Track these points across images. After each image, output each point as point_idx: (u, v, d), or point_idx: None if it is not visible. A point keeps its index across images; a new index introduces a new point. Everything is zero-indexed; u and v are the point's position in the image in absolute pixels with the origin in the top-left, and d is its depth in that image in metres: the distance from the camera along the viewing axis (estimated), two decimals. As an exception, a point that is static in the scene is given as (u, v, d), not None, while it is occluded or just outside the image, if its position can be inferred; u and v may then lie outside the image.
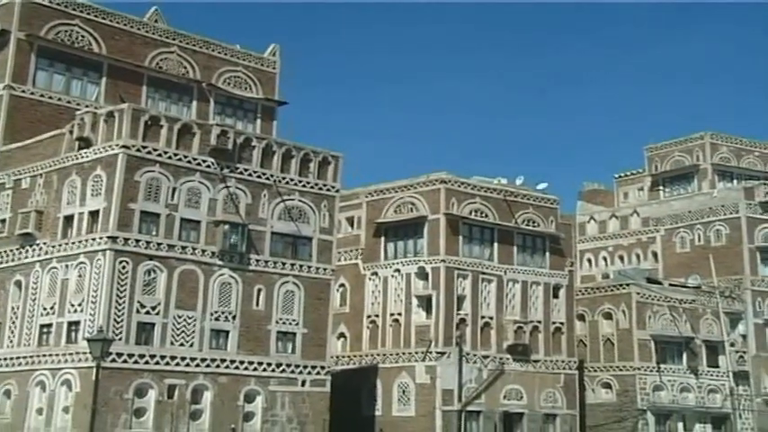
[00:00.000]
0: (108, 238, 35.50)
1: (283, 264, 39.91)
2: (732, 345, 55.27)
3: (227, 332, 38.02)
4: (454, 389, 44.19)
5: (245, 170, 39.45)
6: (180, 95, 41.64)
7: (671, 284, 56.04)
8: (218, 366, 37.38)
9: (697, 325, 54.45)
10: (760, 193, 59.19)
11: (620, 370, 52.33)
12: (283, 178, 40.55)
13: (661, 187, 67.98)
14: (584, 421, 50.67)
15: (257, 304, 38.98)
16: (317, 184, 41.57)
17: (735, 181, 65.47)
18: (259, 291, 39.11)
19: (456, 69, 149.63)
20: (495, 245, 47.66)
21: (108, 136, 37.04)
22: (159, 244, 36.65)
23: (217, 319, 37.80)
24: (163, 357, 36.05)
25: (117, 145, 36.44)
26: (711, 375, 54.27)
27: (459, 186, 46.88)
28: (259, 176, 39.79)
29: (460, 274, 45.96)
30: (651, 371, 52.16)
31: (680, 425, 52.48)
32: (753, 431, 54.59)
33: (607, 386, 52.75)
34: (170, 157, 37.45)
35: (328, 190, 41.95)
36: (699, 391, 53.49)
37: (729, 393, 53.99)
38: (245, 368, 38.11)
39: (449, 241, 45.92)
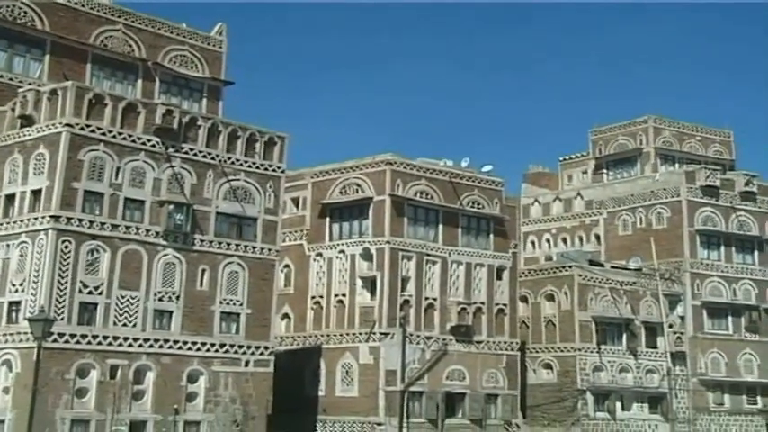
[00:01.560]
0: (50, 217, 35.28)
1: (228, 244, 39.94)
2: (670, 326, 56.22)
3: (171, 312, 38.01)
4: (397, 369, 44.57)
5: (191, 150, 39.36)
6: (125, 74, 41.28)
7: (612, 267, 56.79)
8: (161, 347, 37.38)
9: (637, 306, 55.32)
10: (701, 177, 59.98)
11: (561, 351, 53.07)
12: (229, 158, 40.52)
13: (605, 170, 68.70)
14: (525, 401, 51.39)
15: (201, 285, 39.00)
16: (262, 165, 41.60)
17: (677, 165, 66.22)
18: (203, 271, 39.12)
19: (403, 53, 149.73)
20: (440, 226, 48.00)
21: (51, 114, 36.74)
22: (103, 224, 36.49)
23: (160, 300, 37.77)
24: (105, 338, 35.97)
25: (60, 123, 36.18)
26: (650, 356, 55.22)
27: (404, 168, 47.10)
28: (204, 156, 39.72)
29: (405, 256, 46.27)
30: (591, 352, 52.95)
31: (618, 404, 53.35)
32: (688, 410, 55.68)
33: (548, 367, 53.48)
34: (114, 137, 37.25)
35: (274, 170, 41.99)
36: (637, 371, 54.43)
37: (667, 373, 54.99)
38: (189, 348, 38.15)
39: (394, 223, 46.18)
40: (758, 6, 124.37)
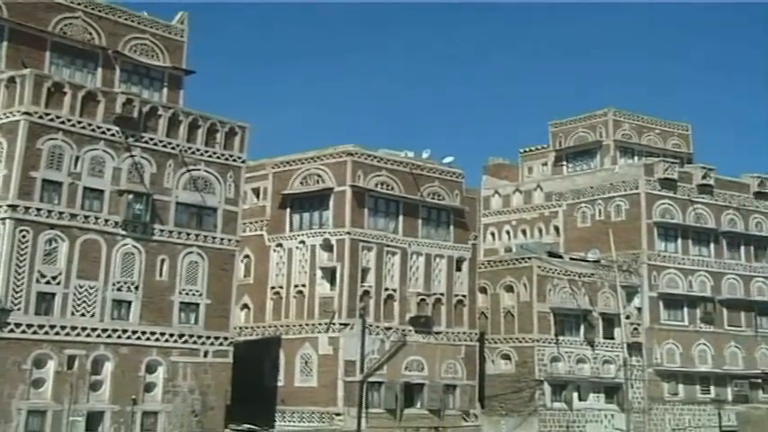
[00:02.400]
0: (8, 206, 35.06)
1: (188, 234, 39.91)
2: (627, 317, 56.82)
3: (130, 303, 37.94)
4: (356, 360, 44.72)
5: (151, 139, 39.26)
6: (85, 62, 40.92)
7: (571, 258, 57.24)
8: (119, 337, 37.33)
9: (595, 298, 55.83)
10: (659, 169, 60.57)
11: (520, 342, 53.46)
12: (189, 148, 40.45)
13: (564, 163, 69.14)
14: (483, 392, 51.72)
15: (160, 275, 38.96)
16: (223, 155, 41.56)
17: (636, 157, 66.80)
18: (162, 261, 39.08)
19: (365, 43, 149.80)
20: (401, 218, 48.14)
21: (9, 102, 36.46)
22: (61, 213, 36.34)
23: (119, 290, 37.67)
24: (63, 328, 35.87)
25: (18, 111, 35.94)
26: (607, 347, 55.77)
27: (365, 159, 47.17)
28: (165, 146, 39.64)
29: (365, 247, 46.39)
30: (549, 342, 53.41)
31: (575, 395, 53.80)
32: (643, 400, 56.37)
33: (506, 357, 53.85)
34: (73, 125, 37.08)
35: (234, 160, 41.97)
36: (594, 361, 54.97)
37: (623, 364, 55.54)
38: (147, 339, 38.12)
39: (354, 213, 46.26)
40: None
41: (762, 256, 63.67)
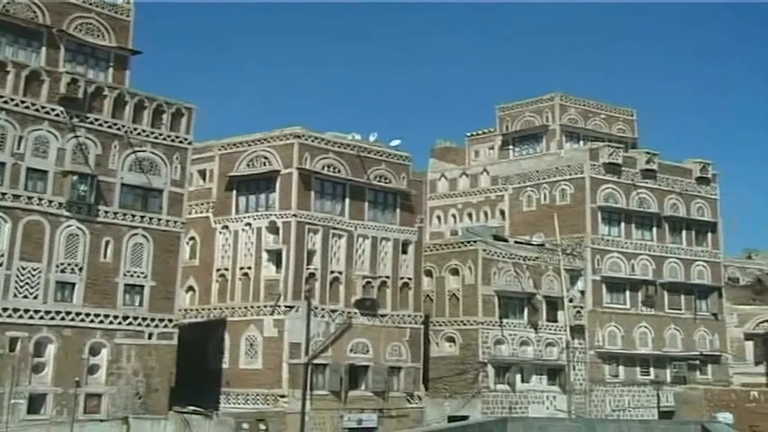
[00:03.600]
0: (-51, 187, 34.66)
1: (133, 216, 39.75)
2: (571, 300, 57.56)
3: (74, 284, 37.75)
4: (302, 342, 44.85)
5: (96, 120, 39.01)
6: (29, 41, 40.28)
7: (516, 242, 57.79)
8: (62, 319, 37.14)
9: (539, 281, 56.44)
10: (604, 154, 61.21)
11: (464, 324, 53.92)
12: (135, 129, 40.23)
13: (511, 147, 69.56)
14: (428, 374, 52.19)
15: (105, 257, 38.79)
16: (169, 136, 41.39)
17: (581, 142, 67.43)
18: (107, 243, 38.91)
19: (314, 27, 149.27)
20: (347, 200, 48.29)
21: (-50, 81, 35.96)
22: (4, 194, 36.04)
23: (63, 272, 37.45)
24: (5, 310, 35.62)
25: (-40, 91, 35.47)
26: (550, 329, 56.46)
27: (312, 141, 47.20)
28: (110, 127, 39.39)
29: (311, 229, 46.50)
30: (493, 325, 53.94)
31: (518, 377, 54.46)
32: (585, 382, 57.23)
33: (451, 340, 54.29)
34: (17, 105, 36.76)
35: (181, 142, 41.80)
36: (537, 344, 55.65)
37: (565, 346, 56.33)
38: (91, 321, 37.96)
39: (301, 196, 46.32)
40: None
41: (703, 241, 64.79)
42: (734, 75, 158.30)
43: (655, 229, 62.76)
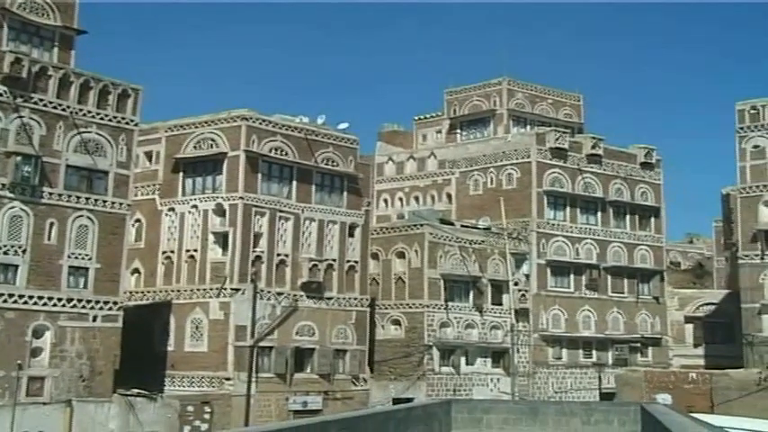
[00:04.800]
0: None
1: (78, 198, 39.50)
2: (516, 284, 58.16)
3: (17, 266, 37.48)
4: (247, 325, 44.96)
5: (41, 100, 38.66)
6: (-30, 20, 39.88)
7: (463, 226, 58.19)
8: (5, 301, 36.92)
9: (485, 265, 56.91)
10: (550, 139, 61.70)
11: (410, 307, 54.20)
12: (80, 110, 39.92)
13: (458, 130, 69.84)
14: (373, 356, 52.51)
15: (49, 238, 38.53)
16: (115, 117, 41.13)
17: (528, 127, 67.87)
18: (51, 225, 38.64)
19: (263, 9, 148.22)
20: (294, 183, 48.29)
21: None
22: (-55, 175, 35.59)
23: (5, 253, 37.18)
24: (-54, 292, 35.26)
25: None
26: (495, 313, 57.01)
27: (260, 124, 47.12)
28: (55, 107, 39.07)
29: (258, 212, 46.49)
30: (439, 308, 54.33)
31: (462, 359, 54.92)
32: (528, 364, 57.93)
33: (396, 323, 54.54)
34: (-41, 84, 36.26)
35: (127, 123, 41.56)
36: (482, 327, 56.15)
37: (510, 329, 56.97)
38: (35, 303, 37.72)
39: (248, 179, 46.27)
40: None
41: (646, 225, 65.67)
42: (678, 59, 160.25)
43: (599, 214, 63.45)
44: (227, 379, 44.35)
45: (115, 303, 40.23)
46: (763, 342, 58.15)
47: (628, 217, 64.82)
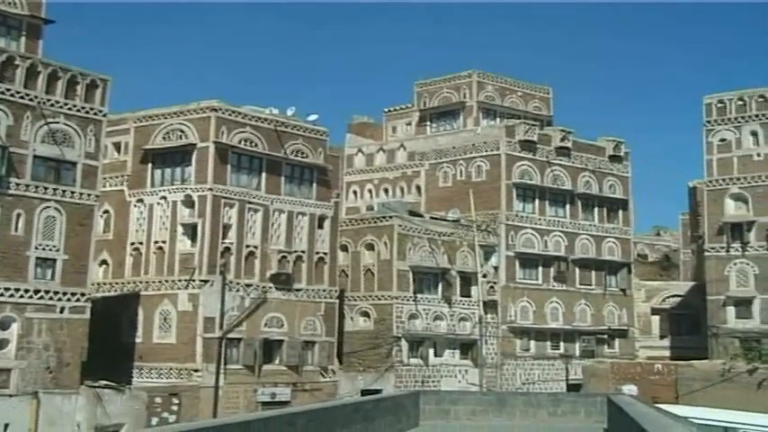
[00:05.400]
0: None
1: (45, 188, 39.20)
2: (484, 276, 58.42)
3: (-17, 258, 37.16)
4: (216, 316, 44.91)
5: (8, 90, 38.32)
6: (-64, 8, 39.53)
7: (432, 218, 58.34)
8: (-29, 293, 36.59)
9: (454, 257, 57.11)
10: (520, 131, 61.98)
11: (379, 299, 54.32)
12: (48, 100, 39.61)
13: (428, 123, 69.89)
14: (342, 348, 52.64)
15: (16, 229, 38.20)
16: (83, 108, 40.83)
17: (498, 119, 68.02)
18: (18, 215, 38.30)
19: (233, 1, 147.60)
20: (263, 175, 48.20)
21: None
22: None
23: (-28, 245, 36.86)
24: None
25: None
26: (463, 304, 57.26)
27: (229, 115, 46.99)
28: (22, 97, 38.73)
29: (227, 203, 46.40)
30: (408, 300, 54.48)
31: (431, 351, 55.14)
32: (496, 356, 58.25)
33: (365, 314, 54.65)
34: (-76, 74, 35.91)
35: (95, 114, 41.29)
36: (451, 319, 56.39)
37: (478, 321, 57.25)
38: (1, 294, 37.43)
39: (217, 170, 46.15)
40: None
41: (614, 218, 66.16)
42: (646, 53, 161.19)
43: (568, 206, 63.84)
44: (196, 370, 44.27)
45: (83, 295, 40.01)
46: (728, 333, 58.88)
47: (596, 209, 65.25)
